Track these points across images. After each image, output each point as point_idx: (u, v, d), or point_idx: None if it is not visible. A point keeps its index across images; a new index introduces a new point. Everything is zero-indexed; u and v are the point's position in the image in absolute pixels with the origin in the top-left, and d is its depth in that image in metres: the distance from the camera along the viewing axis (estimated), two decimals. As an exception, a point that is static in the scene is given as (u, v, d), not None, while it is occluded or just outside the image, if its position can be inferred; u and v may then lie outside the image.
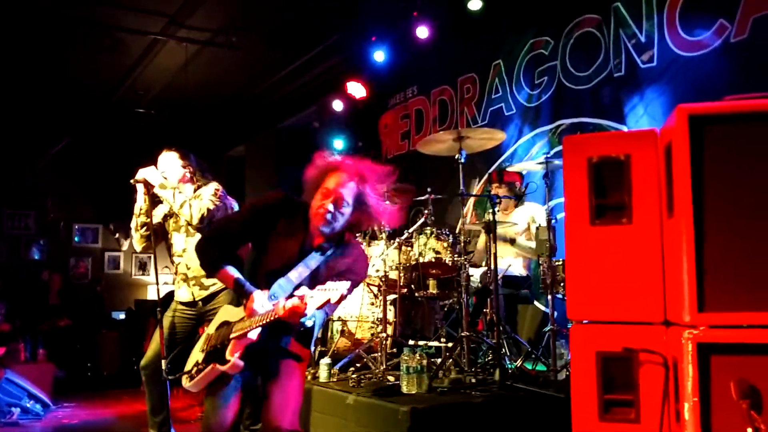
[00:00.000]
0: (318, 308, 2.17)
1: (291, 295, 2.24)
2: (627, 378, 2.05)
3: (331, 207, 2.41)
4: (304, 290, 2.19)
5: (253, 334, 2.32)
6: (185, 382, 2.43)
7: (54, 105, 8.81)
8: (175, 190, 3.46)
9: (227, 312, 2.52)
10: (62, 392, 6.60)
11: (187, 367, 2.45)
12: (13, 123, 8.91)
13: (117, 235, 10.18)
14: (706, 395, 1.81)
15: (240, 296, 2.45)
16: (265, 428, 2.37)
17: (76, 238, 10.06)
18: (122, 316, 9.37)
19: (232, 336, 2.36)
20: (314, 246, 2.48)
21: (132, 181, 3.41)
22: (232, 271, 2.45)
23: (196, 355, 2.47)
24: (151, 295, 9.84)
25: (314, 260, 2.45)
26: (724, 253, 1.84)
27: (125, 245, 10.21)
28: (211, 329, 2.53)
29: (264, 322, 2.27)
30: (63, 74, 7.95)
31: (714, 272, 1.83)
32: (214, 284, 3.44)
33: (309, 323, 2.36)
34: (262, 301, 2.33)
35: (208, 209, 3.37)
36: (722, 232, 1.86)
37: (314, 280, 2.42)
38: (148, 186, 3.41)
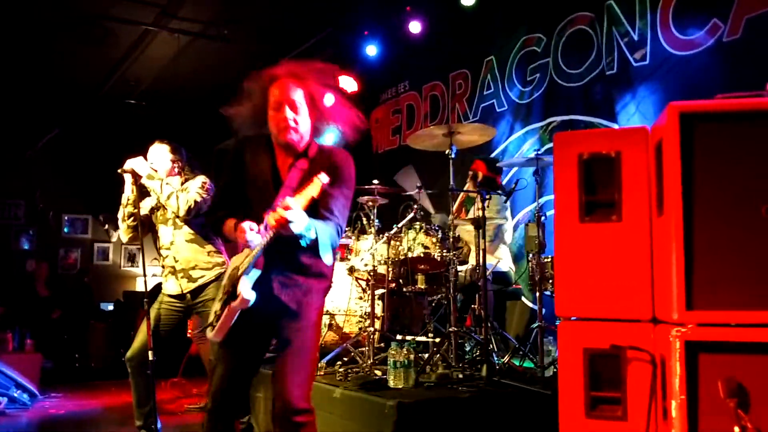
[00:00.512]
0: (304, 208, 2.09)
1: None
2: (614, 375, 2.05)
3: (290, 114, 2.33)
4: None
5: (259, 264, 2.26)
6: (209, 333, 2.37)
7: (44, 95, 8.74)
8: (162, 181, 3.43)
9: (236, 259, 2.45)
10: (50, 383, 6.54)
11: (209, 320, 2.41)
12: (2, 114, 8.83)
13: (106, 227, 10.13)
14: (693, 393, 1.81)
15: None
16: (275, 401, 2.30)
17: (65, 229, 10.01)
18: (111, 307, 9.33)
19: (239, 273, 2.31)
20: (288, 167, 2.39)
21: (119, 170, 3.38)
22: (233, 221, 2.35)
23: (215, 306, 2.44)
24: (140, 286, 9.80)
25: (294, 179, 2.34)
26: (713, 251, 1.84)
27: (114, 236, 10.16)
28: (224, 279, 2.48)
29: (262, 245, 2.20)
30: (53, 65, 7.89)
31: (703, 270, 1.82)
32: (202, 277, 3.42)
33: (311, 234, 2.18)
34: (254, 231, 2.22)
35: (195, 201, 3.36)
36: (711, 230, 1.85)
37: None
38: (136, 176, 3.38)
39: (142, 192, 3.48)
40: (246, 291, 2.25)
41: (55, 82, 8.43)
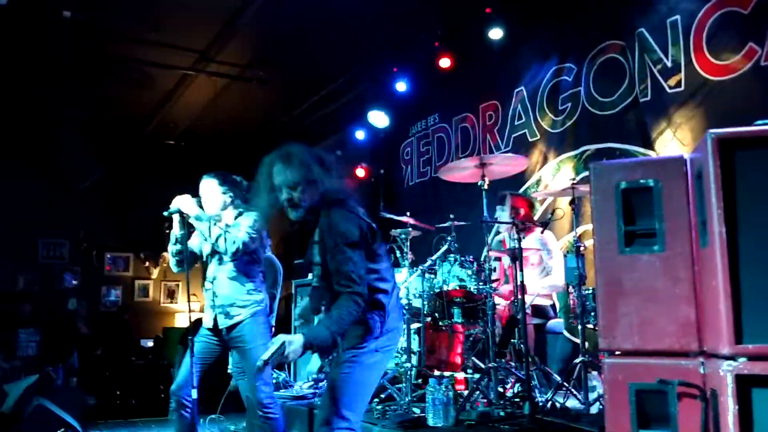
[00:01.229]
0: (271, 355, 2.14)
1: None
2: (663, 411, 1.98)
3: (284, 196, 2.43)
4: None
5: None
6: None
7: (89, 138, 9.06)
8: (210, 223, 3.41)
9: None
10: (92, 419, 6.66)
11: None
12: (49, 155, 9.16)
13: (147, 264, 10.35)
14: (747, 429, 1.74)
15: None
16: None
17: (107, 267, 10.23)
18: (150, 343, 9.44)
19: None
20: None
21: (165, 213, 3.41)
22: None
23: None
24: (179, 322, 9.93)
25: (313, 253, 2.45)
26: (760, 281, 1.78)
27: (155, 273, 10.36)
28: None
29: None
30: (98, 108, 8.20)
31: (750, 302, 1.77)
32: (238, 315, 3.43)
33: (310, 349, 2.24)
34: None
35: (243, 242, 3.30)
36: (757, 260, 1.80)
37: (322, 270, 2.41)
38: (183, 215, 3.40)
39: (191, 229, 3.48)
40: None
41: (99, 124, 8.75)
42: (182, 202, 3.38)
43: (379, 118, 7.10)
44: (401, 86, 6.78)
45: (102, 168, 9.45)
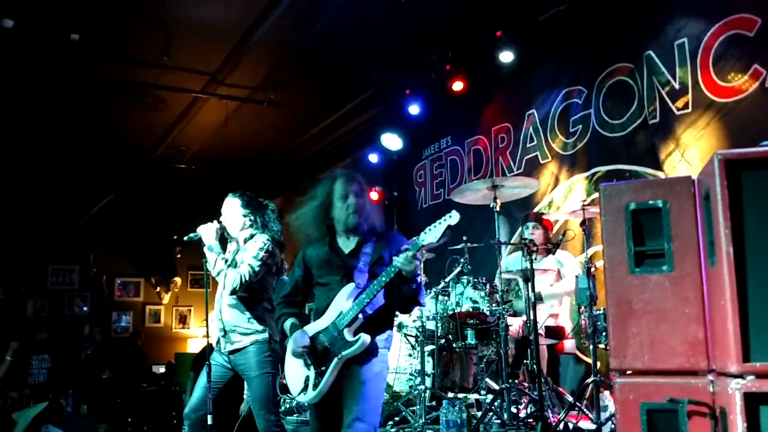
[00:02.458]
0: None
1: None
2: (673, 430, 1.99)
3: (351, 200, 2.73)
4: None
5: None
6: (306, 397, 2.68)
7: (98, 162, 9.12)
8: (217, 257, 3.42)
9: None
10: None
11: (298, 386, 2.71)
12: (57, 180, 9.21)
13: (158, 289, 10.32)
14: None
15: None
16: None
17: (117, 292, 10.21)
18: (162, 369, 9.42)
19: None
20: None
21: (186, 238, 3.46)
22: None
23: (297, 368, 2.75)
24: (191, 348, 9.90)
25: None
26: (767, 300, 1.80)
27: (166, 298, 10.35)
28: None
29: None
30: (107, 132, 8.26)
31: (758, 320, 1.78)
32: (239, 341, 3.40)
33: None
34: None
35: (243, 279, 3.29)
36: (765, 279, 1.82)
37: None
38: (201, 243, 3.44)
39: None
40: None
41: (109, 149, 8.80)
42: (204, 231, 3.42)
43: (392, 141, 7.16)
44: (414, 109, 6.84)
45: (111, 192, 9.51)
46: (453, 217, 2.55)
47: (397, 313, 2.91)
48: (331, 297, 2.66)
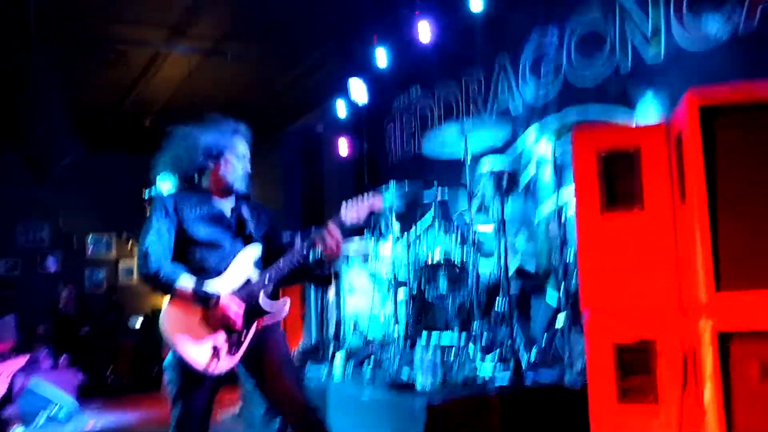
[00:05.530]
0: None
1: None
2: (644, 364, 2.06)
3: (247, 166, 2.80)
4: None
5: None
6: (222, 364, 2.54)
7: (63, 119, 8.89)
8: None
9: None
10: (85, 397, 6.80)
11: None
12: (23, 139, 8.98)
13: (130, 244, 10.27)
14: (726, 380, 1.81)
15: None
16: (290, 411, 2.50)
17: (89, 249, 10.12)
18: (139, 323, 9.43)
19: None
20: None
21: (146, 195, 3.41)
22: None
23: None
24: (164, 300, 9.91)
25: None
26: (737, 234, 1.85)
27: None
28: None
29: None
30: (71, 89, 8.03)
31: (728, 253, 1.83)
32: None
33: None
34: None
35: None
36: (734, 214, 1.86)
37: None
38: None
39: None
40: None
41: (73, 106, 8.58)
42: (165, 186, 3.39)
43: (359, 93, 7.05)
44: (381, 57, 6.71)
45: (78, 148, 9.30)
46: (377, 202, 2.63)
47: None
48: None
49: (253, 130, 2.89)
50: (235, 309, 2.42)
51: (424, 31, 6.19)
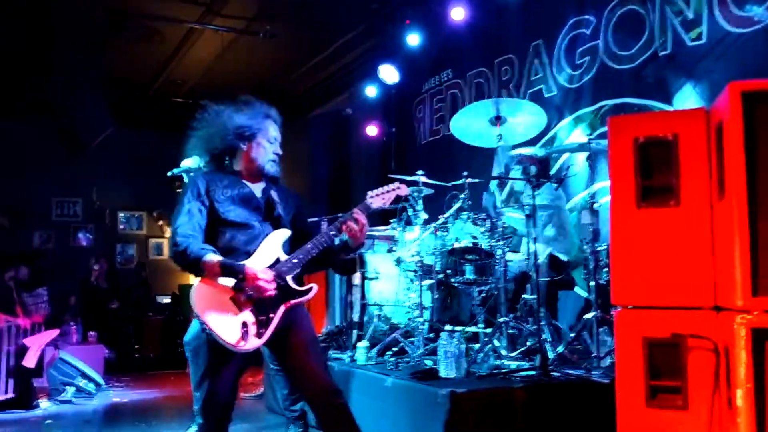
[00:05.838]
0: None
1: None
2: (675, 364, 1.99)
3: (277, 149, 2.80)
4: None
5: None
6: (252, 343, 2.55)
7: (97, 96, 9.03)
8: None
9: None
10: (112, 372, 7.01)
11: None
12: (57, 115, 9.15)
13: (160, 222, 10.42)
14: (760, 381, 1.74)
15: None
16: (314, 393, 2.52)
17: (121, 225, 10.31)
18: (167, 300, 9.60)
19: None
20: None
21: (169, 173, 3.43)
22: None
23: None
24: (195, 279, 10.07)
25: None
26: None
27: (168, 232, 10.45)
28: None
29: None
30: (103, 65, 8.13)
31: (766, 255, 1.75)
32: None
33: None
34: None
35: None
36: (777, 213, 1.78)
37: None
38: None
39: None
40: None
41: (107, 82, 8.70)
42: (188, 164, 3.42)
43: (389, 74, 6.98)
44: (413, 40, 6.62)
45: (111, 125, 9.44)
46: (402, 189, 2.70)
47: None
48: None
49: (282, 113, 2.87)
50: (265, 276, 2.43)
51: (458, 14, 6.09)
